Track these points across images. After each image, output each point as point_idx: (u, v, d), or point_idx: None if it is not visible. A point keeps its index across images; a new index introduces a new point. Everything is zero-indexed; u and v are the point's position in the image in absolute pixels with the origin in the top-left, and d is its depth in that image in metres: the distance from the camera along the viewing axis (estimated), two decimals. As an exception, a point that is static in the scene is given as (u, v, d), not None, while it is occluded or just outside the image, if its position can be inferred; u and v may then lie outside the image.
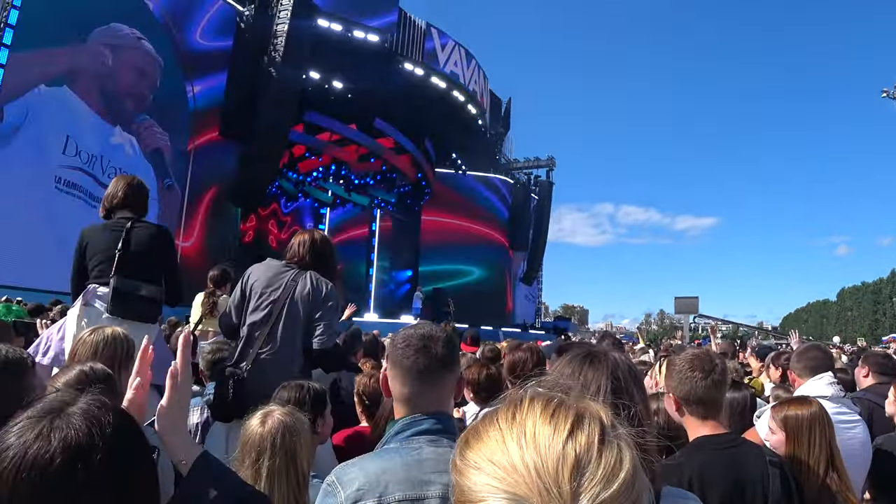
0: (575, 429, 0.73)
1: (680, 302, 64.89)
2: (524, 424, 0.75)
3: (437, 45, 24.60)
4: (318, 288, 3.66)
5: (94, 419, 0.99)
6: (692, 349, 2.95)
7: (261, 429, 2.29)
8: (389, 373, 1.81)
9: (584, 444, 0.71)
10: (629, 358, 1.60)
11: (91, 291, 3.70)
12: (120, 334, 2.69)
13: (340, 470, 1.62)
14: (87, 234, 3.91)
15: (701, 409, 2.27)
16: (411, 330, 1.83)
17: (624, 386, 1.49)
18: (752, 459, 2.20)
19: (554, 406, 0.77)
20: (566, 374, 1.53)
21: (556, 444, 0.71)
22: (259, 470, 2.22)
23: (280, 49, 17.24)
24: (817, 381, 3.22)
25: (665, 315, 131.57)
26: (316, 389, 2.93)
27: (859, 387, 4.62)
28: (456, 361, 1.83)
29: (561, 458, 0.69)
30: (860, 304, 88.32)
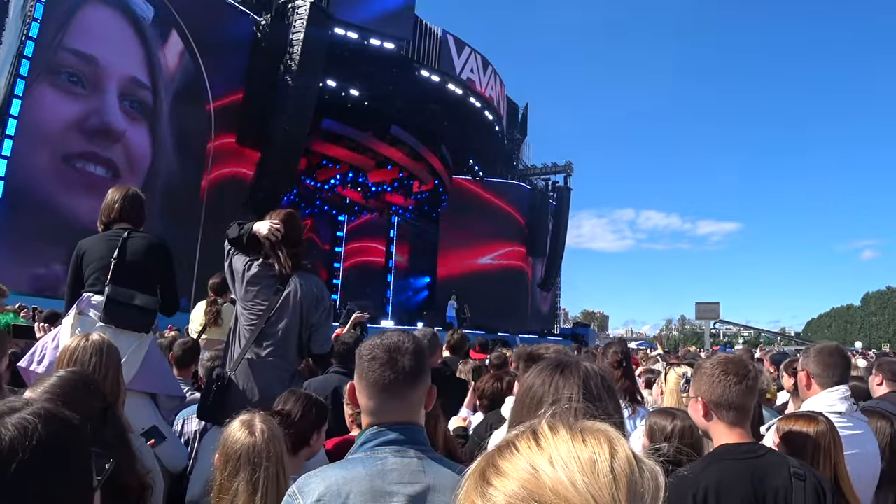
0: (613, 450, 0.69)
1: (701, 307, 64.34)
2: (558, 450, 0.69)
3: (453, 52, 24.62)
4: (310, 290, 3.67)
5: (24, 428, 0.98)
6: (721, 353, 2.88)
7: (252, 438, 2.26)
8: (356, 385, 1.78)
9: (627, 464, 0.68)
10: (601, 367, 1.55)
11: (85, 300, 3.71)
12: (105, 341, 2.70)
13: (303, 480, 1.60)
14: (84, 245, 3.92)
15: (732, 414, 2.22)
16: (377, 340, 1.79)
17: (596, 395, 1.45)
18: (774, 471, 2.12)
19: (580, 430, 0.73)
20: (537, 385, 1.50)
21: (604, 468, 0.67)
22: (256, 482, 2.19)
23: (296, 58, 17.35)
24: (831, 393, 3.08)
25: (686, 321, 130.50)
26: (320, 404, 2.91)
27: (873, 395, 4.48)
28: (424, 372, 1.79)
29: (613, 483, 0.66)
30: (885, 309, 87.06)
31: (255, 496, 2.17)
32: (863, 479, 2.92)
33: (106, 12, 15.23)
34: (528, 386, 1.52)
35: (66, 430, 1.06)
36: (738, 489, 2.06)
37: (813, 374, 3.21)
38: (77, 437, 1.09)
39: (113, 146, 15.16)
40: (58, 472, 1.01)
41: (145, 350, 3.69)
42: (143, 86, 15.93)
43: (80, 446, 1.09)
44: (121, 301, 3.65)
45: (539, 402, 1.46)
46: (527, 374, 1.60)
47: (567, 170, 36.82)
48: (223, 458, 2.26)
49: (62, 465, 1.03)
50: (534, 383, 1.51)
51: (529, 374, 1.57)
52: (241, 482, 2.19)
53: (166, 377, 3.96)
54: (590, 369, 1.51)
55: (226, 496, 2.20)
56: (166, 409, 3.80)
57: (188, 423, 3.92)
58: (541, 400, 1.46)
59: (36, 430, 0.99)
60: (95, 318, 3.64)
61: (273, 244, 3.65)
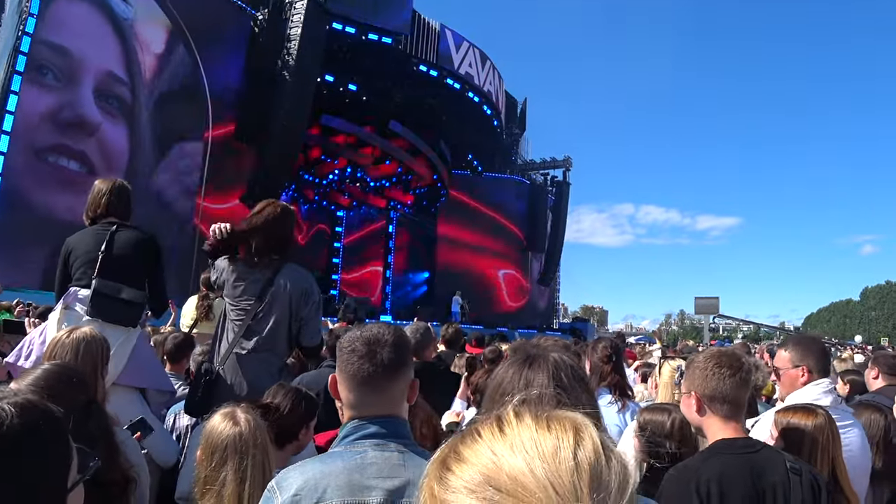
0: (578, 438, 0.67)
1: (700, 302, 64.17)
2: (520, 437, 0.68)
3: (451, 47, 24.57)
4: (301, 286, 3.64)
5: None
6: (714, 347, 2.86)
7: (237, 428, 2.25)
8: (337, 377, 1.76)
9: (592, 452, 0.66)
10: (573, 359, 1.54)
11: (72, 294, 3.68)
12: (97, 334, 2.68)
13: (281, 474, 1.60)
14: (71, 241, 3.89)
15: (726, 408, 2.19)
16: (357, 333, 1.77)
17: (567, 386, 1.44)
18: (772, 466, 2.11)
19: (545, 417, 0.71)
20: (508, 378, 1.48)
21: (566, 455, 0.65)
22: (244, 472, 2.18)
23: (294, 52, 17.30)
24: (815, 386, 3.04)
25: (685, 315, 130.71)
26: (310, 398, 2.89)
27: (869, 388, 4.48)
28: (406, 364, 1.77)
29: (575, 471, 0.63)
30: (884, 303, 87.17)
31: (244, 485, 2.15)
32: (854, 473, 2.91)
33: (82, 7, 14.97)
34: (499, 380, 1.51)
35: (45, 422, 1.07)
36: (739, 484, 2.05)
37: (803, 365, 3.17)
38: (57, 429, 1.09)
39: (87, 140, 14.78)
40: (33, 462, 1.02)
41: (132, 344, 3.66)
42: (120, 81, 15.59)
43: (59, 438, 1.09)
44: (107, 294, 3.62)
45: (509, 395, 1.45)
46: (497, 367, 1.60)
47: (566, 164, 36.78)
48: (208, 450, 2.24)
49: (38, 455, 1.04)
50: (504, 377, 1.50)
51: (500, 368, 1.56)
52: (228, 472, 2.17)
53: (155, 371, 3.94)
54: (559, 361, 1.49)
55: (212, 487, 2.18)
56: (156, 404, 3.78)
57: (179, 417, 3.90)
58: (510, 394, 1.45)
59: (12, 419, 1.00)
60: (82, 312, 3.62)
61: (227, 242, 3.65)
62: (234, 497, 2.14)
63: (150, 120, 16.27)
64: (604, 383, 3.86)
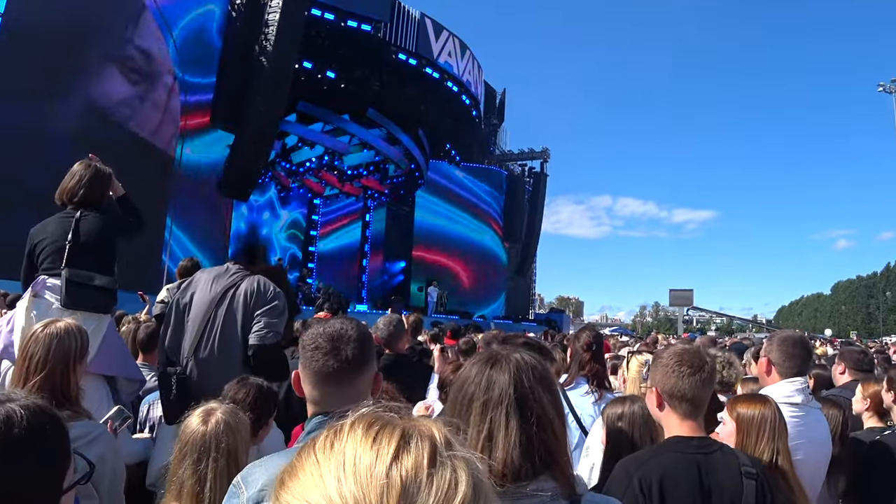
0: (400, 452, 0.65)
1: (675, 294, 65.11)
2: (343, 453, 0.66)
3: (431, 35, 24.46)
4: (264, 289, 3.60)
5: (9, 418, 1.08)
6: (681, 344, 2.89)
7: (203, 427, 2.23)
8: (301, 374, 1.78)
9: (412, 467, 0.64)
10: (537, 359, 1.55)
11: (40, 283, 3.64)
12: (73, 328, 2.65)
13: (246, 470, 1.59)
14: (35, 232, 3.83)
15: (684, 406, 2.19)
16: (320, 329, 1.78)
17: (529, 388, 1.45)
18: (723, 468, 2.09)
19: (377, 429, 0.69)
20: (471, 378, 1.50)
21: (380, 471, 0.63)
22: (203, 472, 2.16)
23: (272, 38, 17.07)
24: (789, 383, 3.10)
25: (660, 307, 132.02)
26: (269, 390, 2.89)
27: (836, 383, 4.56)
28: (369, 360, 1.79)
29: (385, 488, 0.62)
30: (854, 298, 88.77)
31: (204, 487, 2.13)
32: (814, 466, 2.99)
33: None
34: (462, 381, 1.52)
35: (51, 425, 1.14)
36: (684, 483, 2.04)
37: (774, 361, 3.22)
38: (61, 432, 1.16)
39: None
40: (38, 461, 1.10)
41: (103, 332, 3.64)
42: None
43: (62, 442, 1.16)
44: (80, 283, 3.59)
45: (470, 399, 1.47)
46: (461, 368, 1.60)
47: (544, 156, 36.91)
48: (177, 441, 2.25)
49: (43, 455, 1.11)
50: (466, 377, 1.51)
51: (463, 369, 1.56)
52: (186, 468, 2.16)
53: (125, 359, 3.90)
54: (521, 361, 1.50)
55: (174, 480, 2.18)
56: (126, 393, 3.75)
57: (153, 408, 3.88)
58: (473, 396, 1.47)
59: (21, 420, 1.08)
60: (52, 300, 3.58)
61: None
62: (192, 497, 2.12)
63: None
64: (582, 372, 3.88)
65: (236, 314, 3.50)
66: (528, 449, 1.40)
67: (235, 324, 3.50)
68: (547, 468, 1.41)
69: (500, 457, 1.38)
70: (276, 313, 3.58)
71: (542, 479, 1.40)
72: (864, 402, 3.74)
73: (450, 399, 1.56)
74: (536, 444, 1.41)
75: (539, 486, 1.40)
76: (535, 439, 1.41)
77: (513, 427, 1.41)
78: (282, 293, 3.69)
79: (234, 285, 3.56)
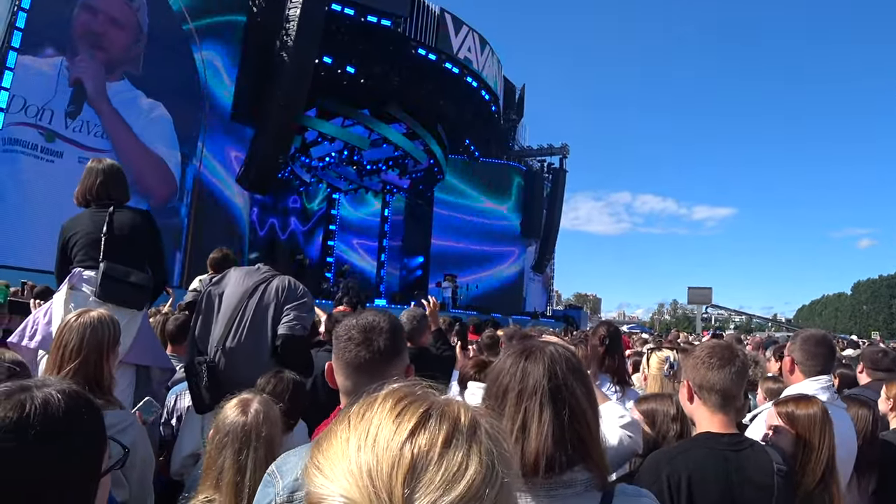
0: (418, 428, 0.68)
1: (693, 292, 64.55)
2: (369, 423, 0.70)
3: (450, 31, 24.38)
4: (295, 286, 3.67)
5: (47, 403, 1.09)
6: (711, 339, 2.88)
7: (243, 418, 2.24)
8: (334, 364, 1.79)
9: (425, 445, 0.66)
10: (570, 351, 1.56)
11: (77, 275, 3.69)
12: (106, 317, 2.69)
13: (281, 459, 1.61)
14: (69, 225, 3.88)
15: (714, 398, 2.18)
16: (353, 320, 1.80)
17: (562, 379, 1.46)
18: (755, 465, 2.07)
19: (405, 403, 0.72)
20: (505, 370, 1.51)
21: (395, 445, 0.66)
22: (243, 462, 2.17)
23: (292, 33, 17.14)
24: (814, 382, 3.09)
25: (678, 305, 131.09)
26: (302, 384, 2.91)
27: (859, 383, 4.53)
28: (401, 351, 1.82)
29: (397, 461, 0.65)
30: (876, 297, 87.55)
31: (244, 478, 2.14)
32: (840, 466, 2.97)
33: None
34: (497, 372, 1.53)
35: (87, 409, 1.16)
36: (712, 481, 2.03)
37: (797, 360, 3.21)
38: (96, 417, 1.18)
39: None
40: (76, 444, 1.11)
41: (138, 324, 3.70)
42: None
43: (98, 426, 1.18)
44: (116, 278, 3.64)
45: (505, 389, 1.48)
46: (495, 360, 1.61)
47: (563, 152, 36.72)
48: (214, 432, 2.26)
49: (81, 439, 1.13)
50: (501, 369, 1.52)
51: (497, 361, 1.58)
52: (226, 458, 2.17)
53: (157, 349, 3.98)
54: (555, 353, 1.51)
55: (211, 471, 2.19)
56: (157, 382, 3.82)
57: (181, 399, 3.93)
58: (507, 386, 1.48)
59: (59, 404, 1.10)
60: (89, 293, 3.63)
61: None
62: (232, 487, 2.13)
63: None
64: (602, 369, 3.86)
65: (268, 307, 3.56)
66: (561, 439, 1.41)
67: (266, 316, 3.55)
68: (581, 459, 1.42)
69: (534, 447, 1.40)
70: (305, 309, 3.67)
71: (576, 470, 1.41)
72: (888, 402, 3.71)
73: (486, 388, 1.57)
74: (569, 434, 1.42)
75: (573, 476, 1.40)
76: (568, 430, 1.42)
77: (546, 417, 1.42)
78: (310, 293, 3.79)
79: (265, 281, 3.62)
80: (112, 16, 15.26)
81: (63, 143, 14.24)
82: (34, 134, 13.86)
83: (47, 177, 13.58)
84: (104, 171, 3.95)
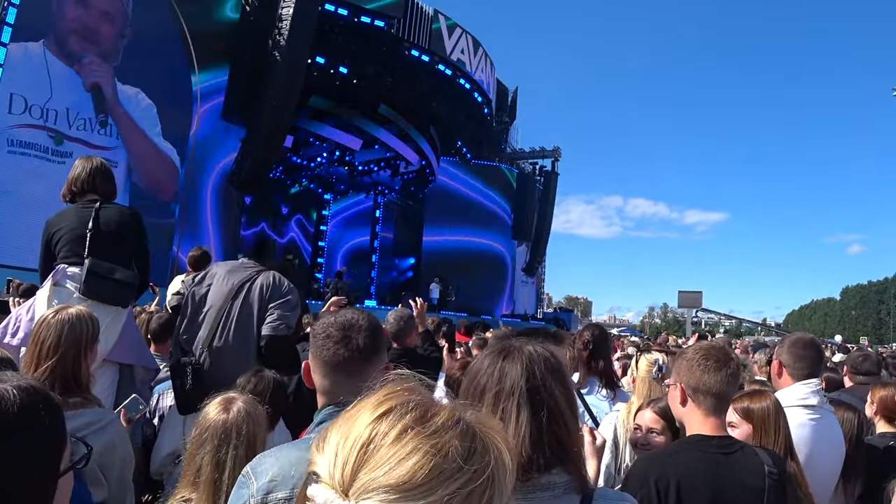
0: (386, 415, 0.75)
1: (683, 296, 64.88)
2: (357, 408, 0.79)
3: (444, 32, 24.35)
4: (279, 283, 3.63)
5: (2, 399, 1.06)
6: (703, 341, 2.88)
7: (224, 415, 2.22)
8: (311, 363, 1.77)
9: (385, 428, 0.73)
10: (549, 351, 1.53)
11: (61, 271, 3.64)
12: (85, 314, 2.65)
13: (256, 460, 1.58)
14: (53, 221, 3.83)
15: (709, 401, 2.16)
16: (331, 318, 1.78)
17: (541, 380, 1.44)
18: (746, 469, 2.05)
19: (388, 395, 0.79)
20: (483, 370, 1.49)
21: (362, 424, 0.75)
22: (222, 460, 2.15)
23: (285, 33, 17.07)
24: (804, 385, 3.09)
25: (668, 309, 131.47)
26: (282, 383, 2.89)
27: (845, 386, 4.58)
28: (380, 350, 1.79)
29: (358, 437, 0.73)
30: (865, 303, 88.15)
31: (223, 475, 2.12)
32: (829, 469, 2.97)
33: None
34: (474, 372, 1.52)
35: (45, 406, 1.12)
36: (700, 485, 2.00)
37: (785, 363, 3.22)
38: (55, 414, 1.14)
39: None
40: (31, 442, 1.07)
41: (122, 321, 3.66)
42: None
43: (57, 424, 1.14)
44: (101, 274, 3.59)
45: (482, 389, 1.46)
46: (473, 360, 1.61)
47: (555, 154, 36.78)
48: (196, 429, 2.24)
49: (36, 437, 1.08)
50: (479, 369, 1.50)
51: (475, 361, 1.56)
52: (205, 455, 2.15)
53: (141, 348, 3.94)
54: (534, 353, 1.49)
55: (190, 468, 2.17)
56: (141, 381, 3.78)
57: (163, 398, 3.90)
58: (485, 387, 1.46)
59: (14, 400, 1.06)
60: (72, 289, 3.59)
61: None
62: (209, 485, 2.10)
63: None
64: (591, 373, 3.86)
65: (252, 306, 3.53)
66: (538, 441, 1.39)
67: (252, 316, 3.53)
68: (559, 462, 1.40)
69: None
70: (289, 307, 3.63)
71: (554, 473, 1.39)
72: (872, 406, 3.72)
73: (462, 389, 1.55)
74: (547, 436, 1.40)
75: (551, 479, 1.38)
76: (546, 432, 1.40)
77: (524, 418, 1.40)
78: (296, 288, 3.73)
79: (250, 279, 3.58)
80: (104, 10, 15.12)
81: (71, 143, 14.15)
82: (44, 136, 13.84)
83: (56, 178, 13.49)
84: (91, 165, 3.93)
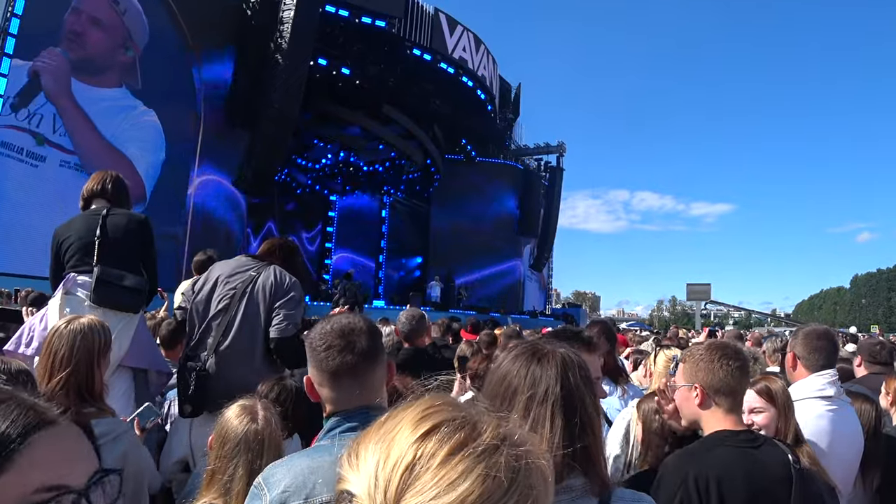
0: (431, 433, 0.70)
1: (692, 289, 64.72)
2: (395, 422, 0.74)
3: (445, 31, 24.34)
4: (281, 280, 3.61)
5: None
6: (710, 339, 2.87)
7: (254, 425, 2.18)
8: (313, 376, 1.73)
9: (430, 449, 0.69)
10: (580, 357, 1.48)
11: (71, 280, 3.65)
12: (96, 323, 2.65)
13: (268, 470, 1.56)
14: (61, 230, 3.85)
15: (729, 400, 2.14)
16: (327, 327, 1.74)
17: (574, 386, 1.39)
18: (774, 461, 2.04)
19: (430, 411, 0.74)
20: (514, 372, 1.43)
21: (405, 443, 0.70)
22: (257, 469, 2.10)
23: (287, 35, 17.09)
24: (819, 377, 3.06)
25: (677, 302, 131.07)
26: (300, 390, 2.87)
27: (856, 376, 4.52)
28: (381, 351, 1.77)
29: (401, 457, 0.68)
30: (875, 291, 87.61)
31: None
32: (848, 461, 2.94)
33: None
34: (503, 373, 1.45)
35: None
36: (739, 479, 1.98)
37: (799, 355, 3.19)
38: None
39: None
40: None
41: (133, 330, 3.66)
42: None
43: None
44: (111, 282, 3.60)
45: (514, 391, 1.40)
46: (500, 357, 1.52)
47: (559, 150, 36.73)
48: (220, 440, 2.18)
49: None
50: (509, 371, 1.44)
51: (504, 359, 1.49)
52: (239, 469, 2.11)
53: (155, 353, 3.95)
54: (568, 359, 1.43)
55: (219, 478, 2.12)
56: (154, 385, 3.79)
57: (174, 404, 3.90)
58: (516, 390, 1.40)
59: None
60: (83, 297, 3.60)
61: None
62: (242, 496, 2.04)
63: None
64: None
65: (258, 306, 3.52)
66: (569, 448, 1.35)
67: (258, 316, 3.51)
68: (581, 466, 1.38)
69: None
70: (293, 304, 3.62)
71: (573, 476, 1.37)
72: (888, 397, 3.68)
73: (489, 390, 1.47)
74: (578, 444, 1.36)
75: (570, 482, 1.36)
76: (578, 440, 1.36)
77: (558, 425, 1.35)
78: (297, 283, 3.72)
79: (252, 280, 3.56)
80: (93, 16, 14.95)
81: (49, 147, 13.97)
82: (26, 138, 13.61)
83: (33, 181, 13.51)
84: (103, 175, 3.98)
